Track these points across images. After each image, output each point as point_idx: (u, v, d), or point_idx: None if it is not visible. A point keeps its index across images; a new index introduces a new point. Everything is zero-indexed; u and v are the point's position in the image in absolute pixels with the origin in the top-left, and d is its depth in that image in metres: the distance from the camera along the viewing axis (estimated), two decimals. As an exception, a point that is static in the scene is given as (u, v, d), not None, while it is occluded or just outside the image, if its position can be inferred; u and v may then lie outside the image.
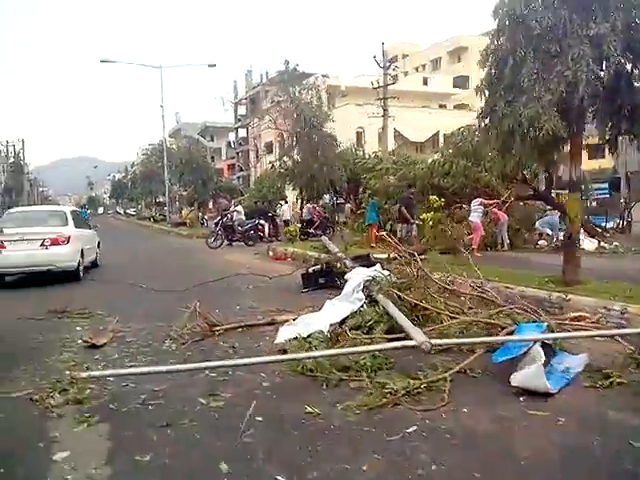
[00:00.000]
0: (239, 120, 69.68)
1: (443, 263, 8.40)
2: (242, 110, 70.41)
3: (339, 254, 10.41)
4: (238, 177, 66.75)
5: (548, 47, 6.81)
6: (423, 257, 8.51)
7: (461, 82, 60.64)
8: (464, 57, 64.15)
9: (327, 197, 35.26)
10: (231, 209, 25.54)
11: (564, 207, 18.79)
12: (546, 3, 6.90)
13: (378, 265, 7.51)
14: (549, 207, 19.36)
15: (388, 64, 31.18)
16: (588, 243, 16.27)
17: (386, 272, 7.07)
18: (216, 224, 24.68)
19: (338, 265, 9.50)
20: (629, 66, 7.11)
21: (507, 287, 7.83)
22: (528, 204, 20.13)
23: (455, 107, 55.79)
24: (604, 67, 6.87)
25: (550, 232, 17.75)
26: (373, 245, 17.79)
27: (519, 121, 6.97)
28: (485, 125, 8.40)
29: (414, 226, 15.90)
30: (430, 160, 19.08)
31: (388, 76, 30.87)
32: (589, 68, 6.43)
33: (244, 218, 24.17)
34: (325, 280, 9.48)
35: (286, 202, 32.57)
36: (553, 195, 20.16)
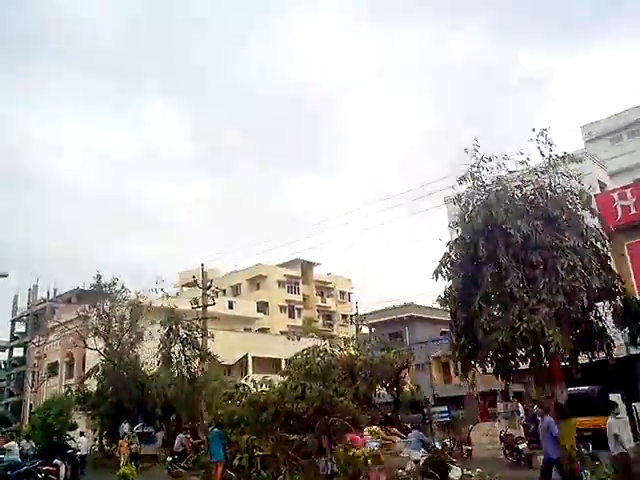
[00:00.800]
0: (16, 338, 61.79)
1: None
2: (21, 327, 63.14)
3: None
4: (7, 404, 56.98)
5: (528, 256, 6.62)
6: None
7: (262, 307, 62.56)
8: (263, 285, 67.06)
9: (126, 426, 30.90)
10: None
11: (407, 430, 18.44)
12: (518, 213, 6.88)
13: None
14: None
15: (208, 285, 30.69)
16: (454, 471, 15.50)
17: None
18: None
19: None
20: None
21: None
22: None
23: (258, 330, 56.45)
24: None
25: (420, 454, 16.28)
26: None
27: (511, 335, 6.34)
28: (458, 339, 7.58)
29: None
30: (278, 383, 17.68)
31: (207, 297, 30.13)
32: (585, 279, 6.28)
33: (18, 458, 18.38)
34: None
35: (82, 434, 27.36)
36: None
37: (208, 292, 30.85)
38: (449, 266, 7.44)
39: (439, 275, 7.46)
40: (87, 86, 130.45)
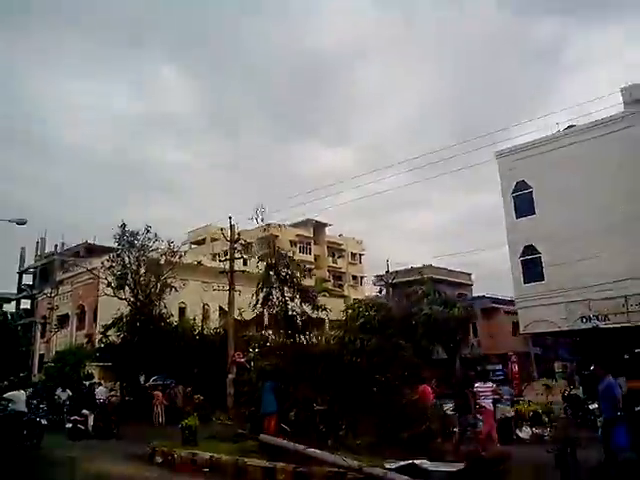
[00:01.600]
0: (23, 290, 60.82)
1: None
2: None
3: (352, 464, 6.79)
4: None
5: None
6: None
7: (274, 266, 61.52)
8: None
9: (142, 378, 29.98)
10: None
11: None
12: None
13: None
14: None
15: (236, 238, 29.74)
16: (524, 430, 14.49)
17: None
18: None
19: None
20: None
21: None
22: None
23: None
24: None
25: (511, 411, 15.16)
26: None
27: None
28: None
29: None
30: (333, 336, 16.50)
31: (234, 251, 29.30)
32: None
33: (24, 408, 16.32)
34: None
35: (100, 384, 26.23)
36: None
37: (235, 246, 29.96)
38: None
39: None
40: (101, 55, 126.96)
